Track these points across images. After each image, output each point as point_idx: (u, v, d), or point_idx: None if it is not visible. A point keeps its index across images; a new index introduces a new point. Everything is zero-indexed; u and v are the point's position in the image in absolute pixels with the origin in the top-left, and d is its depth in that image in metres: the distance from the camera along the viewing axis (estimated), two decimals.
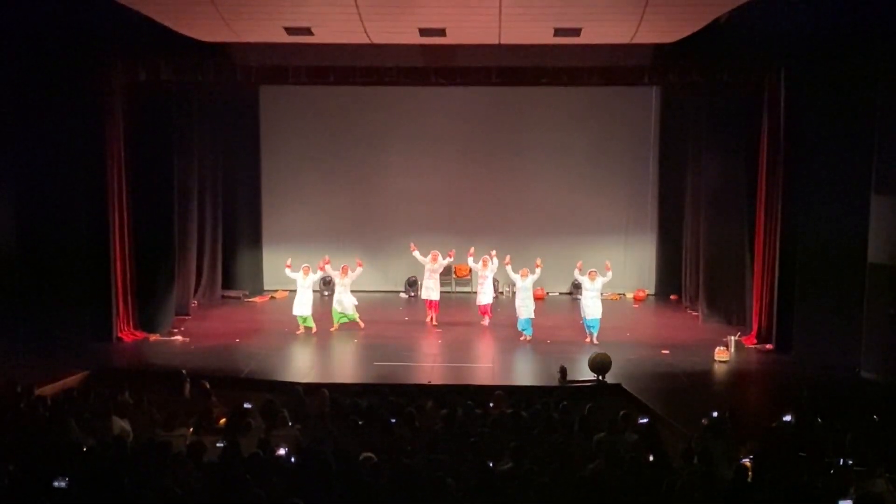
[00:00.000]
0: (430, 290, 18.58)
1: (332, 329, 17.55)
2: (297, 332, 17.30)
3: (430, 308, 18.65)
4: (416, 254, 18.66)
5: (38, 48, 15.16)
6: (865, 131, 14.55)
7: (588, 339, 16.62)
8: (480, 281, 18.62)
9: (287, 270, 17.58)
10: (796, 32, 14.62)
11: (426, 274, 18.69)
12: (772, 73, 15.93)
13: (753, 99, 16.61)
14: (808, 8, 13.76)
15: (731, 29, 14.21)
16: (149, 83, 16.56)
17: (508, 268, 17.58)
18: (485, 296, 18.41)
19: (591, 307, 16.74)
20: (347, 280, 17.67)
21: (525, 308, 17.03)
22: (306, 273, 17.43)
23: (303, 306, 17.39)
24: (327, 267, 17.82)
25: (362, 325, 17.72)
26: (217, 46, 15.42)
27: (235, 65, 16.37)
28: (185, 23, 14.10)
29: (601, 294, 17.02)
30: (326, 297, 20.40)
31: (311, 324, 17.39)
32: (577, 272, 17.19)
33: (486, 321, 18.42)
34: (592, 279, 16.78)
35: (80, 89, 15.84)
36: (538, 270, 17.22)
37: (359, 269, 17.93)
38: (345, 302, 17.65)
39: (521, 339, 16.94)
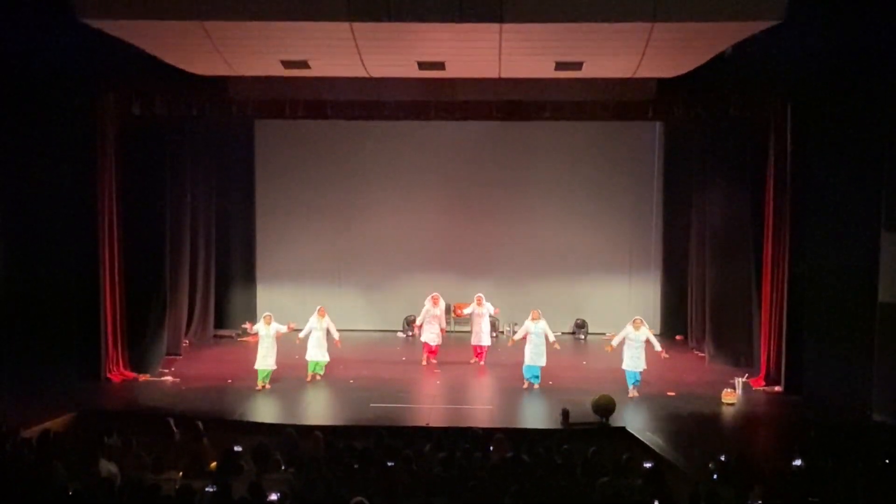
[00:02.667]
0: (432, 334, 18.51)
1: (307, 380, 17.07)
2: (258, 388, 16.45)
3: (429, 352, 18.61)
4: (422, 314, 18.64)
5: (28, 80, 15.22)
6: (874, 167, 14.63)
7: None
8: (476, 320, 18.60)
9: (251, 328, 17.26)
10: (803, 66, 14.73)
11: (427, 318, 18.61)
12: (778, 107, 16.03)
13: (759, 134, 16.68)
14: (815, 41, 13.87)
15: (736, 62, 14.35)
16: (142, 117, 16.65)
17: (516, 328, 17.39)
18: (484, 336, 18.39)
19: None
20: (324, 324, 17.16)
21: (539, 355, 16.59)
22: (268, 322, 16.69)
23: (266, 359, 16.55)
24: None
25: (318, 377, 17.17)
26: (212, 80, 15.52)
27: (231, 98, 16.47)
28: (179, 56, 14.23)
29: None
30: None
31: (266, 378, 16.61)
32: (630, 328, 16.31)
33: (480, 362, 18.40)
34: (637, 328, 16.28)
35: (72, 123, 15.94)
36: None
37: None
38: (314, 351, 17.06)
39: (525, 386, 16.59)
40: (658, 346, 16.46)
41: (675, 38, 12.75)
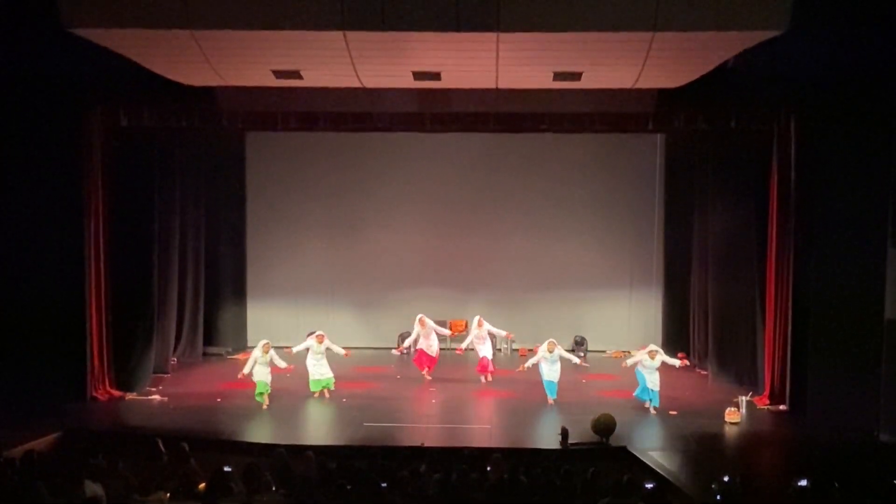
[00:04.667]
0: (431, 347, 18.72)
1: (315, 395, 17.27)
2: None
3: (427, 365, 18.71)
4: (410, 339, 18.84)
5: (12, 91, 15.24)
6: (881, 180, 14.66)
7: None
8: (478, 342, 18.63)
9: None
10: (808, 76, 14.75)
11: (422, 337, 18.83)
12: (782, 118, 16.05)
13: (762, 146, 16.71)
14: (820, 51, 13.92)
15: (740, 73, 14.37)
16: (130, 128, 16.65)
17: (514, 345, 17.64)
18: (486, 349, 18.44)
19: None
20: (323, 347, 17.32)
21: (556, 372, 16.83)
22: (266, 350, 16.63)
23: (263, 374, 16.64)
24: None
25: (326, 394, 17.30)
26: (202, 91, 15.54)
27: (221, 110, 16.47)
28: (168, 66, 14.25)
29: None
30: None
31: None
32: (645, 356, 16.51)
33: (488, 378, 18.38)
34: (653, 358, 16.42)
35: (57, 135, 15.92)
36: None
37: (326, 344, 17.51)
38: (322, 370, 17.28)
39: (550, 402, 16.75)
40: (676, 362, 16.72)
41: (676, 49, 12.79)
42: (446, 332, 19.47)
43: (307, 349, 17.31)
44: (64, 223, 16.21)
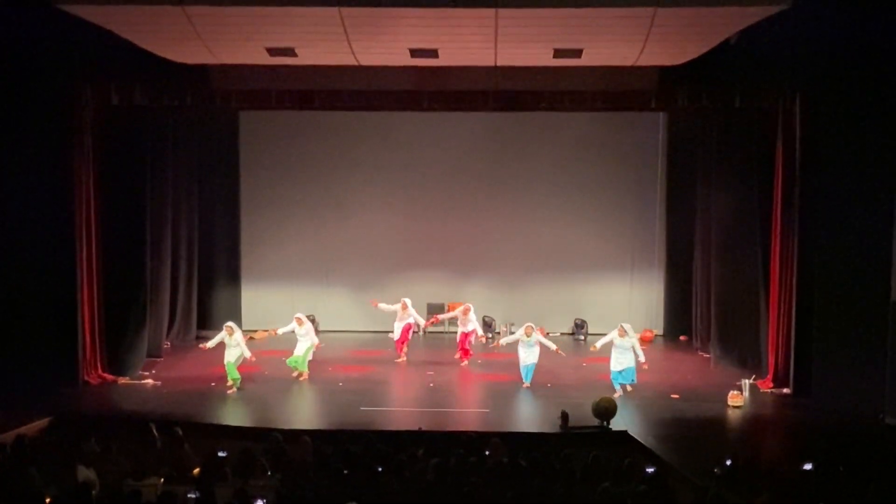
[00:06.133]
0: (399, 329, 18.97)
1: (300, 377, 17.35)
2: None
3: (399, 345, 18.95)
4: (382, 306, 18.83)
5: None
6: (888, 159, 14.65)
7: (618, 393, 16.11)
8: (463, 326, 18.74)
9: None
10: (813, 53, 14.74)
11: (396, 318, 19.06)
12: (786, 97, 16.01)
13: (767, 125, 16.69)
14: (825, 26, 13.87)
15: (743, 50, 14.34)
16: (121, 108, 16.60)
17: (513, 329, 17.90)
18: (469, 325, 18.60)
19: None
20: (304, 330, 17.52)
21: (533, 356, 16.82)
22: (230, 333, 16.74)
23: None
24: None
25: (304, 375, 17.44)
26: (195, 69, 15.48)
27: (214, 89, 16.41)
28: (160, 43, 14.19)
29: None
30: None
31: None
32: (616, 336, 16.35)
33: (464, 361, 18.54)
34: (622, 336, 16.25)
35: (47, 114, 15.85)
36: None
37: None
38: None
39: (525, 386, 16.77)
40: (642, 357, 16.39)
41: (678, 25, 12.75)
42: (422, 321, 19.42)
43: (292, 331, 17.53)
44: (54, 205, 16.14)
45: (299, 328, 17.48)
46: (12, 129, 15.70)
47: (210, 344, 16.90)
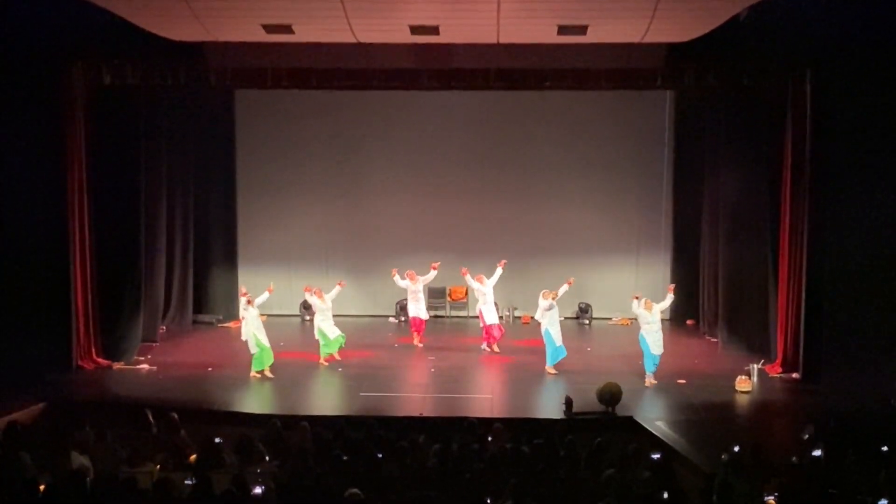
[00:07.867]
0: (417, 309, 18.81)
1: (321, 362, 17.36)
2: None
3: (415, 329, 18.77)
4: (397, 279, 18.76)
5: None
6: None
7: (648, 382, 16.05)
8: (480, 298, 18.57)
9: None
10: (824, 30, 14.65)
11: (409, 296, 18.96)
12: (797, 75, 15.94)
13: (777, 104, 16.61)
14: (837, 3, 13.80)
15: (752, 27, 14.29)
16: (114, 87, 16.54)
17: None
18: (490, 315, 18.35)
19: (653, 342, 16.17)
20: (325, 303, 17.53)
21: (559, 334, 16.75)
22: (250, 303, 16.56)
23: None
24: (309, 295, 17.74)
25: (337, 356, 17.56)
26: (189, 47, 15.44)
27: (209, 67, 16.33)
28: (153, 20, 14.15)
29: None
30: (308, 322, 20.33)
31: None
32: (635, 305, 16.37)
33: (494, 348, 18.34)
34: (650, 309, 16.23)
35: (38, 94, 15.80)
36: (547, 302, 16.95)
37: (337, 289, 17.85)
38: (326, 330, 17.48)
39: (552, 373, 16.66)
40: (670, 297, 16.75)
41: (686, 0, 12.70)
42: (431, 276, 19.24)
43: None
44: (46, 187, 16.13)
45: (320, 303, 17.43)
46: (1, 109, 15.64)
47: (259, 300, 16.70)
